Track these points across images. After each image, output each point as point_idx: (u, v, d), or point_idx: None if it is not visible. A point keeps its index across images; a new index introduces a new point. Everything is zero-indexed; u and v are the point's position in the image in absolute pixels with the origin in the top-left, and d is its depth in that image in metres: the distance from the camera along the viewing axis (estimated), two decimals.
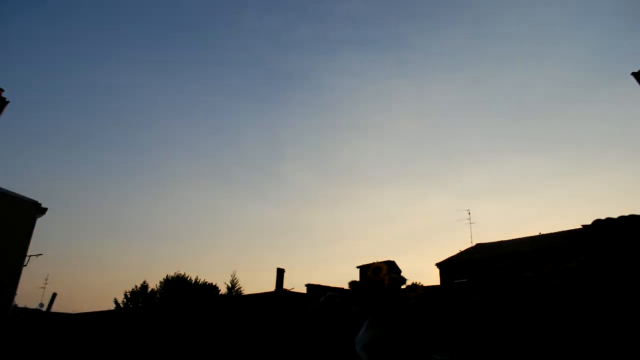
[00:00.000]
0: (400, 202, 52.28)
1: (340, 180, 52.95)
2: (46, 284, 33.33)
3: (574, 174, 46.26)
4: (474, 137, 47.03)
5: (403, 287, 3.06)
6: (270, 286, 29.51)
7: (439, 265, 20.10)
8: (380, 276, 3.05)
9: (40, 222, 12.08)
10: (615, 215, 6.59)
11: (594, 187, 46.62)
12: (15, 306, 19.16)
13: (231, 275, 23.01)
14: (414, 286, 3.07)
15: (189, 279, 34.65)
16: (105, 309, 25.21)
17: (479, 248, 21.39)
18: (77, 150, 48.79)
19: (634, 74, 7.95)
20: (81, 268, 57.90)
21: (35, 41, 44.11)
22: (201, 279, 36.47)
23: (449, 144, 48.23)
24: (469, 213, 25.47)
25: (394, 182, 51.05)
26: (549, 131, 44.50)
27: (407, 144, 50.24)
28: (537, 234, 20.15)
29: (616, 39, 40.98)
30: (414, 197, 51.73)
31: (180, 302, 21.35)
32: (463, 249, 21.98)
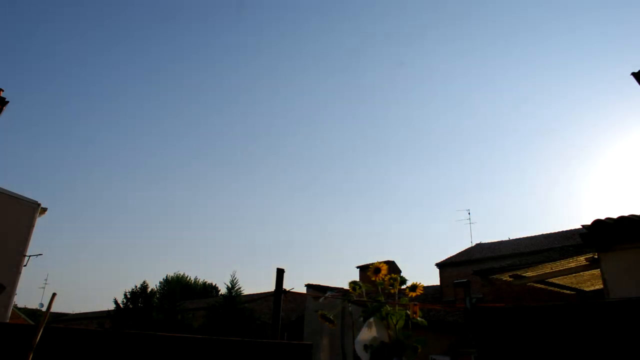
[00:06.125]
0: (400, 202, 52.25)
1: (339, 180, 52.93)
2: (46, 284, 33.38)
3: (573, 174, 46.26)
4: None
5: (403, 287, 3.06)
6: (270, 286, 29.55)
7: (438, 265, 20.08)
8: (380, 276, 3.05)
9: (40, 222, 12.05)
10: (615, 215, 6.57)
11: (593, 187, 46.62)
12: (15, 306, 19.14)
13: (231, 275, 23.03)
14: (414, 286, 3.07)
15: (188, 279, 34.69)
16: (105, 309, 25.26)
17: (479, 248, 21.39)
18: (77, 150, 48.84)
19: (633, 74, 7.92)
20: (81, 268, 57.96)
21: (35, 41, 44.12)
22: (201, 279, 36.56)
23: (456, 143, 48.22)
24: (469, 213, 25.57)
25: (394, 182, 51.03)
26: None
27: (410, 145, 50.23)
28: (537, 234, 20.20)
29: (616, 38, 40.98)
30: (414, 197, 51.72)
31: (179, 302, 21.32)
32: (463, 249, 22.01)
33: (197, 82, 48.21)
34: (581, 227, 6.81)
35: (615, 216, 6.48)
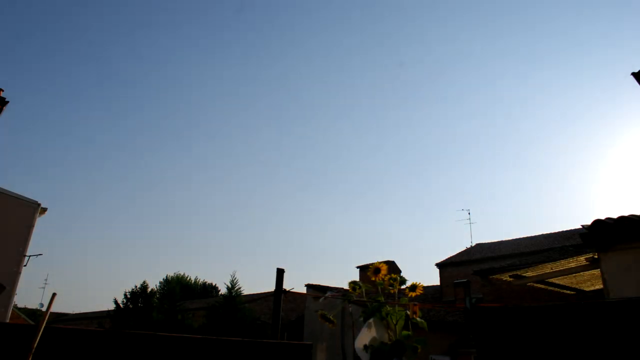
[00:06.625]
0: (400, 202, 52.26)
1: (339, 180, 52.93)
2: (46, 284, 33.39)
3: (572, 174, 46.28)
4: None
5: (403, 287, 3.06)
6: (270, 286, 29.56)
7: (438, 265, 20.08)
8: (380, 276, 3.05)
9: (40, 222, 12.04)
10: (615, 215, 6.56)
11: (593, 187, 46.64)
12: (15, 306, 19.13)
13: (231, 275, 23.03)
14: (414, 286, 3.06)
15: (188, 279, 34.69)
16: (105, 309, 25.26)
17: (479, 248, 21.39)
18: (77, 150, 48.84)
19: (633, 74, 7.92)
20: (81, 268, 57.97)
21: (35, 41, 44.12)
22: (201, 279, 36.57)
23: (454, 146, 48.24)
24: (469, 213, 25.59)
25: (394, 182, 51.03)
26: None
27: (410, 147, 50.24)
28: (537, 234, 20.20)
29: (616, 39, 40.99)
30: (414, 197, 51.73)
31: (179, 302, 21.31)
32: (463, 249, 22.01)
33: (196, 82, 48.27)
34: (581, 227, 6.82)
35: (615, 216, 6.48)
